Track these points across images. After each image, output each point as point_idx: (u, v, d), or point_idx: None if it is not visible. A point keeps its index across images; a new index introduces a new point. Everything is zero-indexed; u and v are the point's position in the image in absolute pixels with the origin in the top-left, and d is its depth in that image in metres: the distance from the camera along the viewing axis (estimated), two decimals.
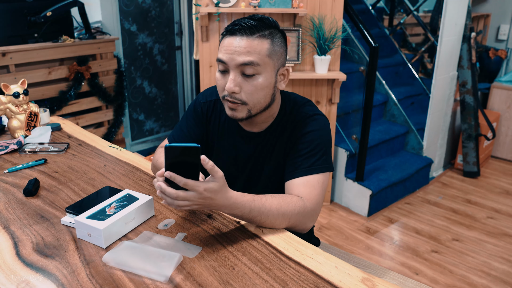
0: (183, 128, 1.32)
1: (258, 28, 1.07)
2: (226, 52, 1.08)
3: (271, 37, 1.09)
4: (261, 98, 1.12)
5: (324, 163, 1.15)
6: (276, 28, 1.12)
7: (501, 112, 3.72)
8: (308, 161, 1.14)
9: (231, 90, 1.09)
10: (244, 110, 1.12)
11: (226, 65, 1.09)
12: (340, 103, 2.82)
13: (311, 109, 1.22)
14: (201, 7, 2.42)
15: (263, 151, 1.24)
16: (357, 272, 0.90)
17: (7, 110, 1.62)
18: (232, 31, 1.08)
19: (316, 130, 1.18)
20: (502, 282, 2.21)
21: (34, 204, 1.17)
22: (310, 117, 1.19)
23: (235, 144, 1.27)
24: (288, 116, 1.22)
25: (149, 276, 0.87)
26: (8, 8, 2.57)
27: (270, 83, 1.12)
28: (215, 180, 0.93)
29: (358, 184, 2.83)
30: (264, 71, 1.09)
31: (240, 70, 1.08)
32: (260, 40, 1.07)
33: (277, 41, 1.11)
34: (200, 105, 1.31)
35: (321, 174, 1.14)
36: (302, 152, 1.16)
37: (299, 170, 1.14)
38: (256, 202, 1.01)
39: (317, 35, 2.49)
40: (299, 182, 1.12)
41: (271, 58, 1.10)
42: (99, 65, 2.94)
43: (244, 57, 1.06)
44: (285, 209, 1.04)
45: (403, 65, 3.83)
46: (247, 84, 1.09)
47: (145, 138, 3.98)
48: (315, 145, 1.16)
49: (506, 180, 3.39)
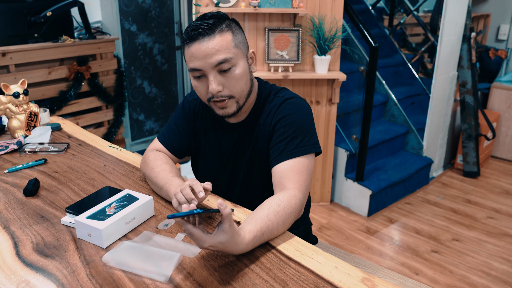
0: (173, 126, 1.35)
1: (215, 25, 1.10)
2: (197, 59, 1.10)
3: (229, 28, 1.12)
4: (243, 86, 1.16)
5: (308, 144, 1.16)
6: (228, 18, 1.15)
7: (501, 112, 3.72)
8: (290, 144, 1.15)
9: (216, 90, 1.11)
10: (233, 104, 1.16)
11: (202, 71, 1.11)
12: (340, 103, 2.82)
13: (287, 93, 1.25)
14: (201, 7, 2.42)
15: (244, 140, 1.26)
16: (357, 272, 0.90)
17: (7, 110, 1.62)
18: (194, 37, 1.09)
19: (294, 112, 1.19)
20: (502, 282, 2.21)
21: (34, 204, 1.17)
22: (286, 100, 1.21)
23: (219, 137, 1.30)
24: (264, 102, 1.24)
25: (149, 276, 0.87)
26: (8, 8, 2.57)
27: (245, 70, 1.16)
28: (222, 233, 0.87)
29: (358, 184, 2.83)
30: (237, 61, 1.13)
31: (217, 70, 1.11)
32: (222, 35, 1.10)
33: (236, 30, 1.15)
34: (188, 102, 1.34)
35: (305, 156, 1.14)
36: (283, 136, 1.16)
37: (283, 155, 1.14)
38: (265, 235, 0.97)
39: (317, 35, 2.49)
40: (285, 168, 1.13)
41: (238, 47, 1.13)
42: (99, 65, 2.94)
43: (217, 57, 1.09)
44: (286, 218, 1.03)
45: (403, 65, 3.83)
46: (227, 79, 1.12)
47: (145, 138, 3.98)
48: (295, 128, 1.17)
49: (506, 180, 3.39)
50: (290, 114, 1.18)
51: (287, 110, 1.19)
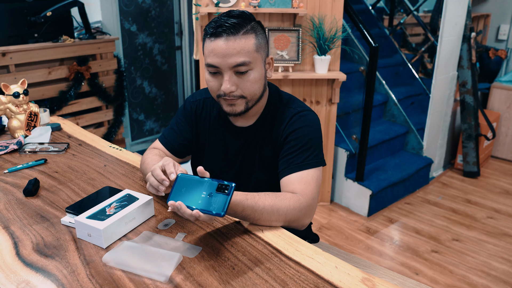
0: (174, 127, 1.35)
1: (241, 25, 1.09)
2: (216, 56, 1.09)
3: (254, 31, 1.11)
4: (257, 90, 1.15)
5: (316, 158, 1.17)
6: (254, 20, 1.14)
7: (501, 112, 3.71)
8: (300, 157, 1.16)
9: (229, 90, 1.11)
10: (243, 104, 1.16)
11: (218, 68, 1.11)
12: (340, 103, 2.82)
13: (299, 105, 1.25)
14: (201, 7, 2.42)
15: (251, 145, 1.26)
16: (357, 272, 0.90)
17: (7, 110, 1.62)
18: (216, 33, 1.08)
19: (305, 126, 1.20)
20: (502, 282, 2.21)
21: (34, 204, 1.17)
22: (298, 113, 1.21)
23: (225, 140, 1.29)
24: (275, 111, 1.24)
25: (149, 276, 0.87)
26: (8, 8, 2.57)
27: (262, 75, 1.16)
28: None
29: (358, 184, 2.83)
30: (255, 65, 1.12)
31: (234, 70, 1.11)
32: (246, 37, 1.09)
33: (260, 34, 1.14)
34: (190, 104, 1.34)
35: (314, 169, 1.15)
36: (293, 149, 1.17)
37: (292, 167, 1.15)
38: (249, 200, 1.02)
39: (317, 35, 2.49)
40: (294, 179, 1.14)
41: (259, 52, 1.13)
42: (99, 65, 2.94)
43: (236, 58, 1.08)
44: (279, 206, 1.05)
45: (403, 65, 3.83)
46: (242, 81, 1.12)
47: (145, 138, 3.98)
48: (306, 141, 1.18)
49: (506, 180, 3.39)
50: (301, 127, 1.19)
51: (299, 124, 1.20)
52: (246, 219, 1.05)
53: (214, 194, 0.93)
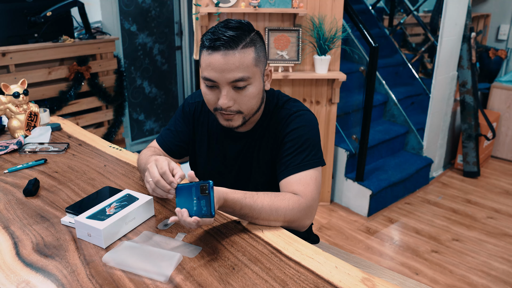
0: (171, 127, 1.34)
1: (240, 38, 1.05)
2: (213, 70, 1.05)
3: (253, 44, 1.08)
4: (254, 105, 1.13)
5: (315, 158, 1.15)
6: (253, 31, 1.10)
7: (501, 112, 3.72)
8: (298, 157, 1.15)
9: (226, 106, 1.09)
10: (240, 118, 1.14)
11: (216, 83, 1.08)
12: (340, 103, 2.82)
13: (294, 105, 1.23)
14: (201, 7, 2.42)
15: (250, 149, 1.25)
16: (357, 272, 0.90)
17: (7, 110, 1.62)
18: (214, 47, 1.04)
19: (302, 126, 1.18)
20: (502, 282, 2.21)
21: (34, 204, 1.17)
22: (294, 114, 1.20)
23: (223, 144, 1.28)
24: (272, 114, 1.23)
25: (149, 276, 0.87)
26: (8, 8, 2.57)
27: (260, 89, 1.13)
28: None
29: (358, 184, 2.83)
30: (254, 80, 1.10)
31: (231, 85, 1.08)
32: (245, 52, 1.05)
33: (259, 46, 1.10)
34: (188, 105, 1.33)
35: (313, 169, 1.14)
36: (291, 150, 1.16)
37: (290, 168, 1.14)
38: (247, 199, 1.01)
39: (317, 35, 2.49)
40: (293, 180, 1.13)
41: (258, 66, 1.10)
42: (99, 65, 2.94)
43: (235, 74, 1.05)
44: (278, 205, 1.04)
45: (403, 65, 3.83)
46: (240, 95, 1.10)
47: (145, 138, 3.98)
48: (303, 141, 1.16)
49: (506, 180, 3.39)
50: (298, 128, 1.17)
51: (295, 124, 1.18)
52: (244, 218, 1.05)
53: (200, 197, 0.94)
